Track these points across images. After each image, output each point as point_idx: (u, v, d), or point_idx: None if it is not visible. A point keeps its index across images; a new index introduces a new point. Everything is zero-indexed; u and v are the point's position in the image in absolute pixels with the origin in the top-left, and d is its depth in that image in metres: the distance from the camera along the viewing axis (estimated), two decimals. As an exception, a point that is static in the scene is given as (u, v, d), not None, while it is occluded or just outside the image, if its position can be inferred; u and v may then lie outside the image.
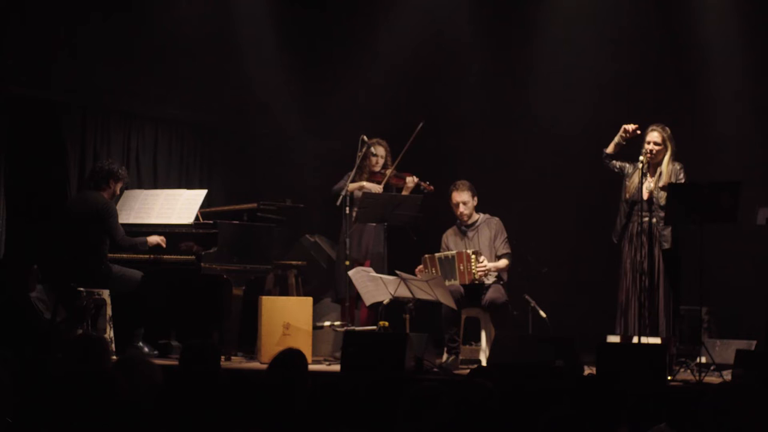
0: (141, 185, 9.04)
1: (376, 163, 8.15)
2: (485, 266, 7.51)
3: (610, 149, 7.28)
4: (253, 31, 9.57)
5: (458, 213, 7.77)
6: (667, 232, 7.20)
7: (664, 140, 7.21)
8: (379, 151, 8.16)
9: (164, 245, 7.55)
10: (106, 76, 8.79)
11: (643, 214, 7.14)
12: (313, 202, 8.60)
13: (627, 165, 7.34)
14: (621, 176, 7.31)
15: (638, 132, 7.19)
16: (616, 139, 7.24)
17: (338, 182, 8.12)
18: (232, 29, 9.49)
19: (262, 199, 8.31)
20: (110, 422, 4.05)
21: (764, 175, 8.24)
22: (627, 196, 7.25)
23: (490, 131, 9.48)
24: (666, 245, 7.19)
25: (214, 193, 8.92)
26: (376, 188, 8.07)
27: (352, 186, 7.98)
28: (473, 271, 7.48)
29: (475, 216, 7.82)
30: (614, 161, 7.32)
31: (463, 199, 7.73)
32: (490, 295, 7.52)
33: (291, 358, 4.34)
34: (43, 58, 8.38)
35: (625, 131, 7.19)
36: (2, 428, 4.10)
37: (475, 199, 7.78)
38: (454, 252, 7.59)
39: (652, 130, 7.26)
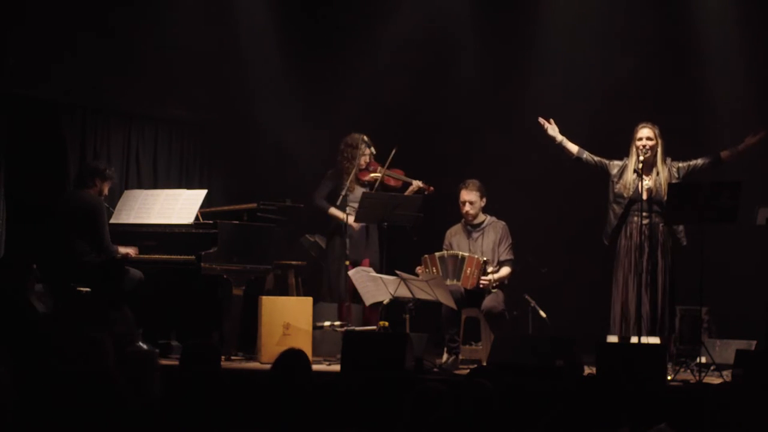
0: (141, 185, 9.05)
1: (364, 161, 8.14)
2: (490, 279, 7.51)
3: (571, 152, 7.44)
4: (253, 31, 9.57)
5: (464, 212, 7.76)
6: (682, 228, 7.21)
7: (655, 135, 7.24)
8: (367, 150, 8.14)
9: (133, 255, 7.54)
10: (106, 76, 8.79)
11: (643, 214, 7.14)
12: (314, 196, 8.58)
13: (607, 162, 7.37)
14: (601, 173, 7.34)
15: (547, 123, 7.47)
16: (555, 142, 7.48)
17: (318, 189, 8.13)
18: (231, 29, 9.49)
19: (262, 199, 8.31)
20: (110, 422, 4.05)
21: (764, 175, 8.24)
22: (626, 195, 7.25)
23: (490, 131, 9.47)
24: (685, 242, 7.21)
25: (214, 193, 8.92)
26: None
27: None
28: (479, 279, 7.47)
29: (482, 217, 7.80)
30: (586, 157, 7.39)
31: (470, 198, 7.72)
32: (487, 303, 7.50)
33: (294, 358, 4.35)
34: (44, 58, 8.38)
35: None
36: (2, 428, 4.09)
37: (484, 200, 7.76)
38: (466, 254, 7.57)
39: (642, 127, 7.27)
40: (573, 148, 7.51)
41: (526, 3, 9.46)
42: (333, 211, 8.11)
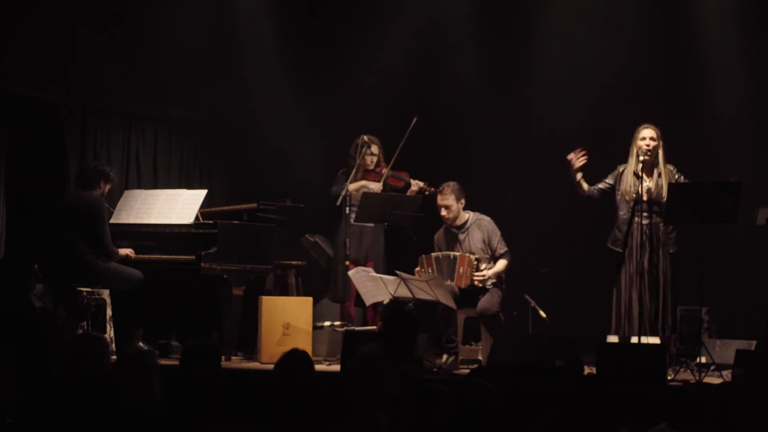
0: (141, 185, 9.05)
1: (371, 161, 8.15)
2: (484, 275, 7.48)
3: (584, 189, 7.38)
4: (253, 30, 9.56)
5: (441, 216, 7.70)
6: (674, 235, 7.22)
7: (658, 136, 7.24)
8: (373, 148, 8.16)
9: (132, 257, 7.55)
10: (106, 76, 8.79)
11: (644, 214, 7.14)
12: (313, 202, 8.59)
13: (608, 180, 7.37)
14: (612, 192, 7.35)
15: (584, 157, 7.28)
16: (575, 179, 7.37)
17: (334, 185, 8.15)
18: (231, 29, 9.49)
19: (262, 199, 8.31)
20: (110, 422, 4.05)
21: (764, 175, 8.24)
22: (627, 198, 7.24)
23: (490, 130, 9.47)
24: (672, 249, 7.21)
25: (214, 193, 8.91)
26: (377, 187, 8.06)
27: (352, 186, 7.97)
28: (472, 276, 7.45)
29: (464, 216, 7.71)
30: (594, 189, 7.38)
31: (446, 203, 7.62)
32: (481, 305, 7.46)
33: (296, 359, 4.35)
34: (44, 58, 8.38)
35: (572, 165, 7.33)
36: (2, 428, 4.10)
37: (462, 201, 7.65)
38: (457, 253, 7.55)
39: (645, 127, 7.27)
40: (585, 185, 7.48)
41: (526, 3, 9.46)
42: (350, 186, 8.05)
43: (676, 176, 7.25)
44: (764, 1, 8.77)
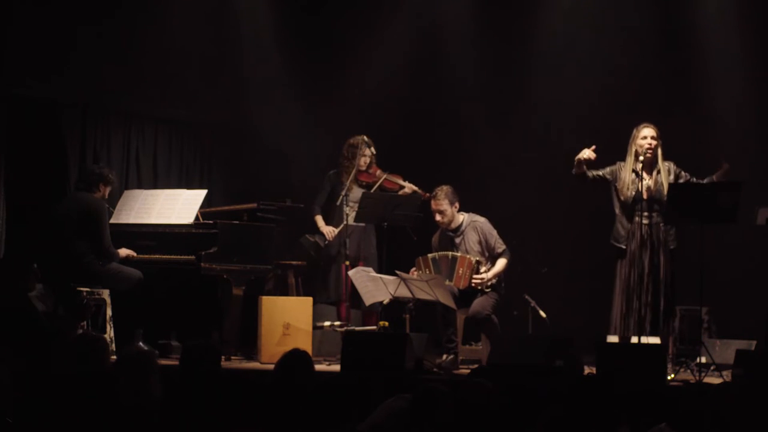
0: (141, 185, 9.05)
1: (364, 162, 8.15)
2: (482, 278, 7.45)
3: (583, 170, 7.26)
4: (253, 31, 9.57)
5: (436, 220, 7.68)
6: (673, 231, 7.21)
7: (658, 135, 7.22)
8: (372, 149, 8.16)
9: (134, 257, 7.55)
10: (106, 76, 8.79)
11: (644, 213, 7.13)
12: (313, 202, 8.59)
13: (607, 171, 7.33)
14: (606, 184, 7.31)
15: (593, 156, 7.15)
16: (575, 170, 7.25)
17: (316, 197, 8.17)
18: (231, 29, 9.49)
19: (262, 199, 8.31)
20: (110, 422, 4.06)
21: (764, 175, 8.24)
22: (622, 198, 7.22)
23: (490, 130, 9.47)
24: (672, 246, 7.20)
25: (214, 193, 8.91)
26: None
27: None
28: (470, 278, 7.43)
29: (459, 219, 7.65)
30: (589, 175, 7.30)
31: (440, 208, 7.57)
32: (473, 308, 7.42)
33: (297, 359, 4.36)
34: (44, 58, 8.38)
35: (579, 163, 7.18)
36: (2, 428, 4.10)
37: (456, 205, 7.58)
38: (457, 254, 7.54)
39: (645, 126, 7.24)
40: (575, 170, 7.44)
41: (526, 3, 9.45)
42: (318, 219, 8.18)
43: (676, 171, 7.22)
44: (764, 1, 8.77)
